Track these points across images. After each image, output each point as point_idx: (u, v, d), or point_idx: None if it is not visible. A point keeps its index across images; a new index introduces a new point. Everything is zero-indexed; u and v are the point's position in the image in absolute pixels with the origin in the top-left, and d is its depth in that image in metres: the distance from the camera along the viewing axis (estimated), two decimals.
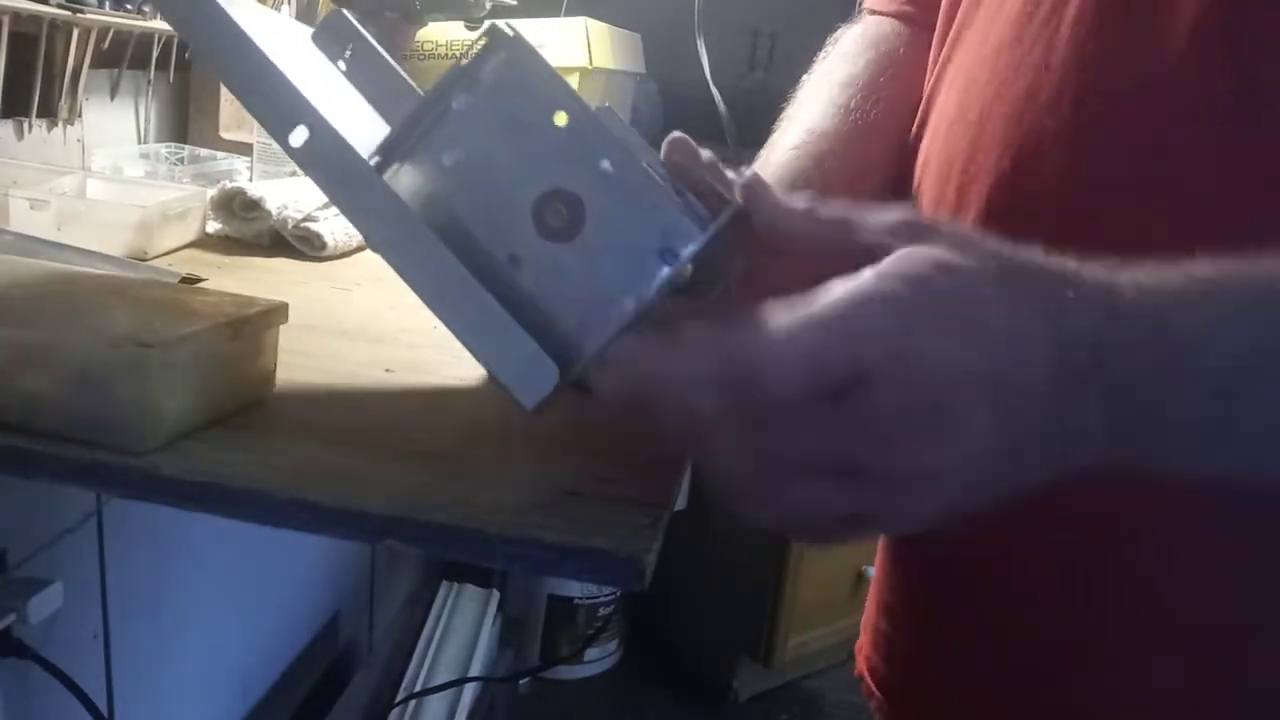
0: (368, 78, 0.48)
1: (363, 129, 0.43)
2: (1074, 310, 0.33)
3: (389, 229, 0.39)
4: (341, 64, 0.48)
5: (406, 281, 0.39)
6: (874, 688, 0.58)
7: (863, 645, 0.61)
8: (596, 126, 0.38)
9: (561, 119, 0.38)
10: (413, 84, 0.48)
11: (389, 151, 0.39)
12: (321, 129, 0.39)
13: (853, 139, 0.56)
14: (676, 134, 0.42)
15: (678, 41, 1.48)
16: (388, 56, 0.48)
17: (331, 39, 0.48)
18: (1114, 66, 0.44)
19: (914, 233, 0.35)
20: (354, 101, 0.48)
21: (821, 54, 0.63)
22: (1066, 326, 0.32)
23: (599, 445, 0.47)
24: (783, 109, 0.60)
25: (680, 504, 0.46)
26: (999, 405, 0.32)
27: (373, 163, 0.39)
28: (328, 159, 0.39)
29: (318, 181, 0.39)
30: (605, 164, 0.38)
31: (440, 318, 0.39)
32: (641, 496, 0.42)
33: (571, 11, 1.47)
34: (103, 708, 0.91)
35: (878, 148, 0.57)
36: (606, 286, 0.38)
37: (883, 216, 0.36)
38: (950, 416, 0.32)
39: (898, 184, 0.56)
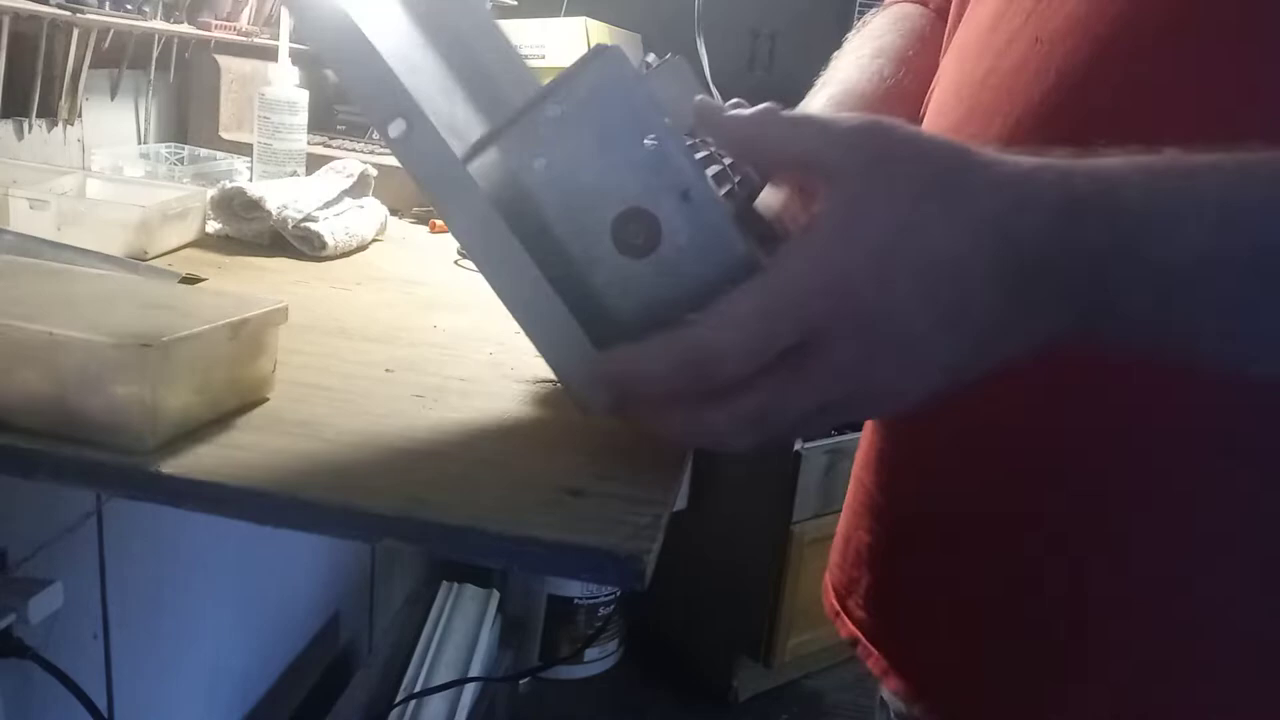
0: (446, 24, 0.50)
1: (453, 108, 0.45)
2: (1023, 223, 0.34)
3: (474, 229, 0.41)
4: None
5: (486, 279, 0.41)
6: (869, 645, 0.59)
7: (847, 608, 0.62)
8: (685, 153, 0.40)
9: (650, 140, 0.39)
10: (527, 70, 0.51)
11: (479, 148, 0.41)
12: (419, 122, 0.40)
13: (885, 101, 0.59)
14: (701, 98, 0.44)
15: (678, 41, 1.48)
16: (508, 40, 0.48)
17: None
18: (1104, 36, 0.44)
19: (851, 144, 0.36)
20: (449, 79, 0.49)
21: (852, 32, 0.67)
22: (1011, 232, 0.34)
23: (599, 445, 0.47)
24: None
25: (680, 504, 0.46)
26: (952, 330, 0.35)
27: (463, 154, 0.41)
28: (423, 152, 0.40)
29: (411, 173, 0.40)
30: (687, 193, 0.39)
31: (515, 317, 0.41)
32: (641, 496, 0.42)
33: (572, 11, 1.47)
34: (103, 708, 0.91)
35: (909, 111, 0.59)
36: (671, 307, 0.39)
37: (823, 124, 0.38)
38: (905, 353, 0.35)
39: None
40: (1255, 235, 0.33)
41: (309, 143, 1.05)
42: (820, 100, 0.61)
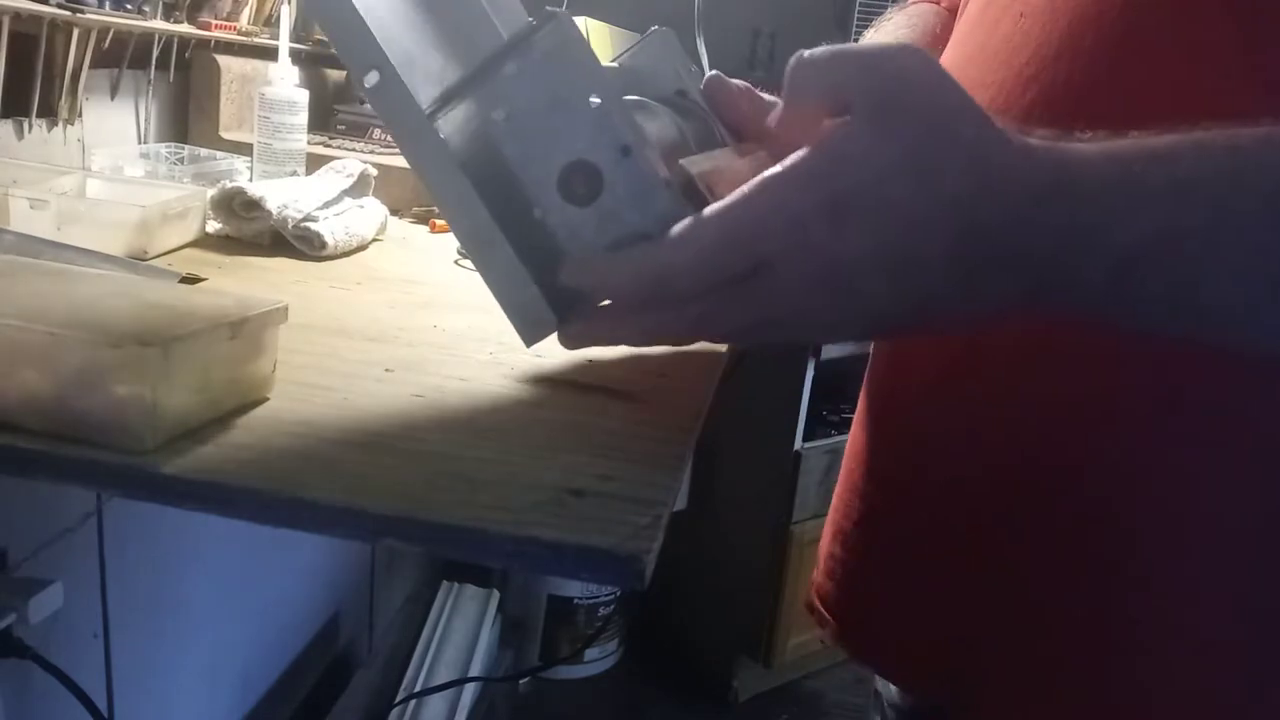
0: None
1: (428, 55, 0.51)
2: (987, 208, 0.35)
3: (434, 173, 0.45)
4: None
5: (445, 220, 0.47)
6: (825, 613, 0.61)
7: (815, 576, 0.64)
8: (625, 113, 0.44)
9: (595, 99, 0.43)
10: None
11: (447, 98, 0.46)
12: (389, 75, 0.45)
13: None
14: (714, 73, 0.51)
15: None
16: None
17: None
18: (1077, 7, 0.47)
19: (870, 81, 0.37)
20: (428, 26, 0.54)
21: (870, 29, 0.71)
22: (977, 216, 0.35)
23: (599, 445, 0.47)
24: None
25: (680, 504, 0.47)
26: (897, 288, 0.37)
27: (430, 108, 0.45)
28: (391, 102, 0.45)
29: (382, 118, 0.46)
30: (626, 147, 0.43)
31: (469, 256, 0.47)
32: (641, 496, 0.42)
33: (572, 11, 1.47)
34: (103, 708, 0.91)
35: None
36: (609, 248, 0.44)
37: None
38: (846, 298, 0.37)
39: None
40: (1207, 212, 0.35)
41: (309, 143, 1.05)
42: None
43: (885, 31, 0.69)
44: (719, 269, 0.39)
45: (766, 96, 0.55)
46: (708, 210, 0.39)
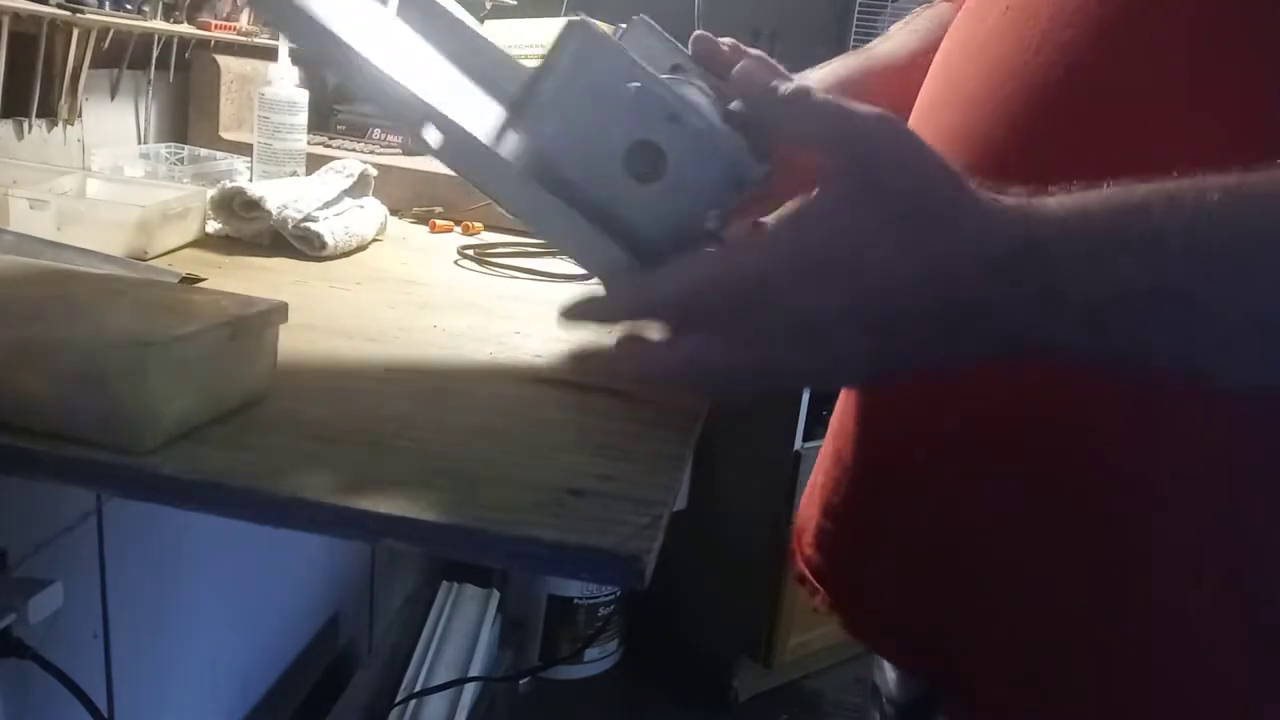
0: (448, 38, 0.58)
1: (445, 82, 0.54)
2: (966, 272, 0.38)
3: (519, 198, 0.48)
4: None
5: (539, 235, 0.50)
6: (815, 583, 0.62)
7: (803, 548, 0.64)
8: (663, 86, 0.46)
9: (633, 84, 0.45)
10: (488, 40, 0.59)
11: (502, 130, 0.50)
12: (446, 125, 0.47)
13: (909, 72, 0.64)
14: (699, 32, 0.54)
15: (678, 41, 1.48)
16: (464, 18, 0.56)
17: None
18: (1056, 2, 0.48)
19: (854, 152, 0.40)
20: (427, 56, 0.57)
21: (900, 23, 0.73)
22: (955, 277, 0.38)
23: (599, 445, 0.47)
24: None
25: (680, 504, 0.47)
26: (878, 343, 0.39)
27: (489, 141, 0.48)
28: (459, 150, 0.47)
29: (454, 169, 0.48)
30: (674, 115, 0.46)
31: (571, 258, 0.50)
32: (641, 496, 0.42)
33: (572, 11, 1.47)
34: (103, 708, 0.91)
35: (915, 81, 0.64)
36: (693, 215, 0.47)
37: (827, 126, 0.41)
38: (826, 349, 0.40)
39: None
40: (1174, 269, 0.36)
41: (309, 143, 1.05)
42: (843, 58, 0.69)
43: (909, 30, 0.70)
44: (708, 305, 0.42)
45: (752, 51, 0.58)
46: (706, 255, 0.43)
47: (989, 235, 0.38)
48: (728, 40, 0.58)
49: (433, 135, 0.46)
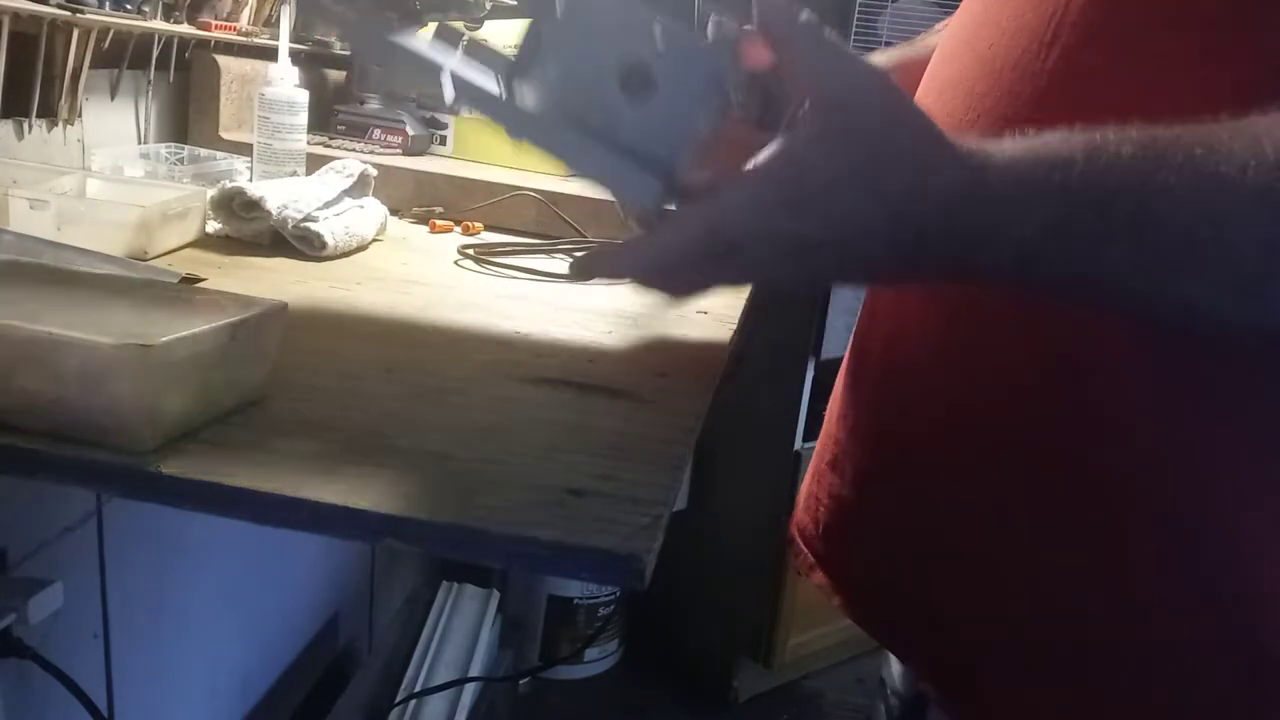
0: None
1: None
2: (919, 200, 0.43)
3: (540, 133, 0.52)
4: None
5: (565, 163, 0.53)
6: (803, 545, 0.65)
7: (796, 514, 0.67)
8: (638, 6, 0.50)
9: (615, 11, 0.50)
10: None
11: (509, 78, 0.54)
12: (457, 82, 0.52)
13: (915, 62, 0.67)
14: None
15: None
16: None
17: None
18: None
19: (846, 99, 0.44)
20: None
21: (945, 20, 0.74)
22: (910, 208, 0.43)
23: (599, 445, 0.47)
24: None
25: (680, 504, 0.47)
26: (847, 252, 0.45)
27: (501, 92, 0.53)
28: (475, 99, 0.52)
29: (478, 112, 0.53)
30: (657, 30, 0.49)
31: (595, 181, 0.52)
32: (641, 496, 0.42)
33: None
34: (103, 708, 0.91)
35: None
36: (692, 118, 0.50)
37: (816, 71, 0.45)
38: (804, 261, 0.45)
39: None
40: (1099, 204, 0.40)
41: (309, 143, 1.05)
42: (877, 55, 0.73)
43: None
44: (705, 250, 0.47)
45: None
46: (693, 205, 0.48)
47: (943, 171, 0.43)
48: None
49: (448, 90, 0.51)
